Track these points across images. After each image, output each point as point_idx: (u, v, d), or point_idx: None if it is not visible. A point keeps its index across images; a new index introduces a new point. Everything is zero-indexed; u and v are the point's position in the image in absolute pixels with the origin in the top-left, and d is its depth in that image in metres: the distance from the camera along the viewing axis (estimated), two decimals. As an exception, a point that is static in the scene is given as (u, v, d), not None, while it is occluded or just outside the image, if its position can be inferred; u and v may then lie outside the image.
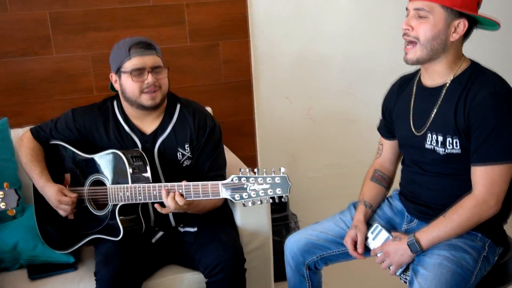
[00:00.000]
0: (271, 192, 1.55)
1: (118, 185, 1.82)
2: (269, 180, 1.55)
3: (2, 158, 2.19)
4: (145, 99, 1.88)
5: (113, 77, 1.95)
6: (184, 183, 1.71)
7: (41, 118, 2.21)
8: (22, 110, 2.44)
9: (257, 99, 2.76)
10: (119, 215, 1.83)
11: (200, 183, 1.68)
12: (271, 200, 1.58)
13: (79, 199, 1.93)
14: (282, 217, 2.58)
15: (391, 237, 1.71)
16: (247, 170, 1.60)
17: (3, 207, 1.65)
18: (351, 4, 2.77)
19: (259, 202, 1.57)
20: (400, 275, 1.67)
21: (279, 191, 1.55)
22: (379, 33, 2.80)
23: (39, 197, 2.01)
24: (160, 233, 1.99)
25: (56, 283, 1.92)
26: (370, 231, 1.77)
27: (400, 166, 1.89)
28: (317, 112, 2.87)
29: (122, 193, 1.81)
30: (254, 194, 1.57)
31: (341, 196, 2.25)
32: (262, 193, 1.56)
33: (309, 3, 2.72)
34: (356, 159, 2.78)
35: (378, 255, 1.70)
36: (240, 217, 2.04)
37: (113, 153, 1.88)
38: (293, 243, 1.87)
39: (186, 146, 1.98)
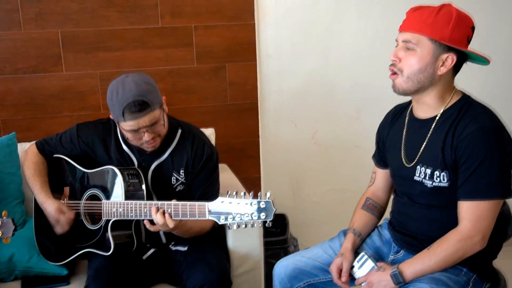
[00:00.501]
0: (255, 216, 1.56)
1: (112, 201, 1.87)
2: (254, 204, 1.57)
3: (8, 172, 2.25)
4: (146, 148, 1.93)
5: (112, 117, 1.93)
6: (173, 202, 1.74)
7: (49, 133, 2.24)
8: (31, 125, 2.50)
9: (262, 121, 2.78)
10: (111, 231, 1.86)
11: (188, 203, 1.71)
12: (256, 225, 1.59)
13: (75, 212, 1.98)
14: (281, 240, 2.58)
15: (376, 267, 1.70)
16: (234, 193, 1.62)
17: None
18: (359, 30, 2.78)
19: (243, 226, 1.59)
20: (383, 306, 1.65)
21: (263, 215, 1.56)
22: (387, 59, 2.76)
23: (39, 209, 2.06)
24: (152, 250, 2.02)
25: (47, 295, 1.96)
26: (356, 260, 1.76)
27: (393, 195, 1.88)
28: (322, 137, 2.87)
29: (115, 209, 1.84)
30: (238, 217, 1.58)
31: (344, 221, 2.22)
32: (246, 216, 1.57)
33: (318, 28, 2.74)
34: (360, 185, 2.72)
35: (363, 284, 1.69)
36: (232, 240, 2.05)
37: (110, 169, 1.92)
38: (281, 268, 1.86)
39: (181, 171, 2.01)
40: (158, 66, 2.57)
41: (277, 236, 2.63)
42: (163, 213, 1.73)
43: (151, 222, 1.78)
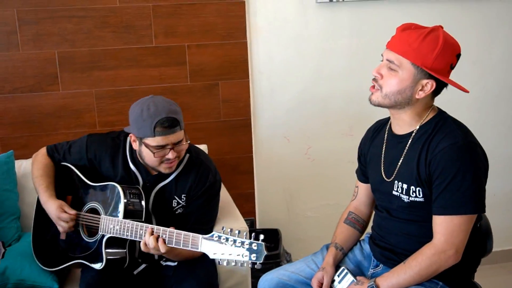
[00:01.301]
0: (246, 257, 1.59)
1: (110, 217, 1.90)
2: (247, 244, 1.60)
3: (5, 189, 2.30)
4: (163, 168, 1.94)
5: (133, 137, 1.95)
6: (169, 229, 1.76)
7: None
8: (28, 142, 2.55)
9: (255, 137, 2.81)
10: (106, 246, 1.89)
11: (183, 232, 1.73)
12: (246, 265, 1.62)
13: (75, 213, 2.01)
14: (274, 255, 2.59)
15: (355, 281, 1.72)
16: (229, 230, 1.65)
17: None
18: (351, 47, 2.81)
19: (233, 264, 1.62)
20: (362, 320, 1.67)
21: (254, 257, 1.59)
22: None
23: (39, 213, 2.10)
24: (143, 266, 2.05)
25: (38, 309, 2.00)
26: (337, 274, 1.79)
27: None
28: (316, 152, 2.90)
29: (112, 226, 1.87)
30: (229, 255, 1.61)
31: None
32: (237, 255, 1.60)
33: (310, 46, 2.77)
34: (353, 200, 2.79)
35: (342, 298, 1.72)
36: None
37: (113, 186, 1.95)
38: (265, 282, 1.89)
39: (183, 196, 2.03)
40: (152, 84, 2.62)
41: (270, 250, 2.65)
42: (157, 237, 1.76)
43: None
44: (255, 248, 1.59)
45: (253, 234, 1.62)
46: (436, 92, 1.64)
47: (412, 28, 1.60)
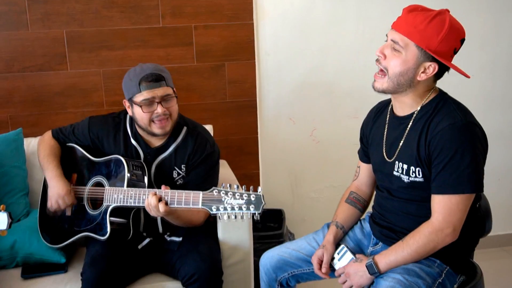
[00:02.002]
0: (245, 208, 1.62)
1: (114, 188, 1.94)
2: (245, 196, 1.63)
3: (14, 166, 2.34)
4: (155, 128, 1.99)
5: (126, 103, 2.06)
6: (170, 190, 1.80)
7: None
8: (37, 121, 2.59)
9: (261, 119, 2.82)
10: (110, 216, 1.94)
11: (184, 191, 1.77)
12: (245, 217, 1.64)
13: (79, 197, 2.07)
14: (277, 234, 2.62)
15: (354, 259, 1.74)
16: (228, 185, 1.68)
17: None
18: (358, 29, 2.80)
19: (233, 217, 1.64)
20: (361, 296, 1.70)
21: (252, 208, 1.61)
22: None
23: (46, 192, 2.14)
24: (147, 240, 2.09)
25: (45, 283, 2.04)
26: (337, 252, 1.81)
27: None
28: (320, 134, 2.91)
29: (116, 195, 1.92)
30: (229, 208, 1.63)
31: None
32: (237, 207, 1.63)
33: (316, 28, 2.77)
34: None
35: (341, 275, 1.74)
36: (222, 232, 2.11)
37: (116, 158, 2.01)
38: (266, 259, 1.92)
39: (182, 166, 2.08)
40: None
41: (274, 230, 2.68)
42: (160, 198, 1.79)
43: None
44: (253, 199, 1.61)
45: (251, 187, 1.65)
46: (438, 75, 1.64)
47: (419, 10, 1.59)
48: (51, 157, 2.13)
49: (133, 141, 2.09)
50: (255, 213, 1.62)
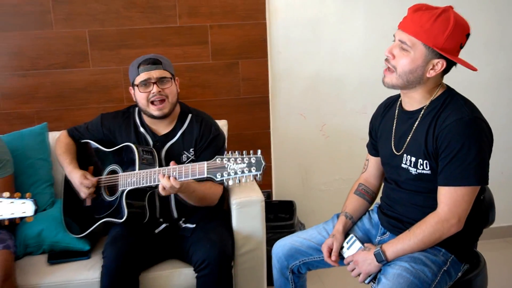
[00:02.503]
0: (247, 170, 1.64)
1: (127, 172, 1.98)
2: (246, 160, 1.65)
3: (39, 158, 2.38)
4: (153, 110, 2.05)
5: (131, 90, 2.14)
6: (177, 166, 1.83)
7: (77, 123, 2.38)
8: (61, 115, 2.62)
9: (273, 114, 2.83)
10: (126, 199, 1.97)
11: (189, 164, 1.80)
12: (248, 180, 1.65)
13: (96, 187, 2.10)
14: (288, 225, 2.64)
15: (363, 247, 1.76)
16: (230, 152, 1.70)
17: (23, 214, 1.73)
18: (367, 29, 2.80)
19: (237, 181, 1.66)
20: (368, 283, 1.70)
21: (253, 169, 1.64)
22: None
23: (67, 187, 2.21)
24: (163, 225, 2.12)
25: (70, 268, 2.07)
26: (346, 241, 1.82)
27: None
28: (330, 129, 2.91)
29: (130, 179, 1.96)
30: (233, 172, 1.66)
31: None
32: (239, 171, 1.65)
33: (326, 27, 2.77)
34: (365, 175, 2.82)
35: (350, 263, 1.75)
36: (236, 222, 2.12)
37: (127, 145, 2.06)
38: (279, 247, 1.94)
39: (191, 150, 2.13)
40: (176, 63, 2.60)
41: (285, 221, 2.70)
42: (169, 177, 1.82)
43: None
44: (253, 161, 1.64)
45: (251, 151, 1.67)
46: (445, 70, 1.64)
47: (424, 9, 1.59)
48: (66, 153, 2.20)
49: (141, 130, 2.15)
50: (257, 174, 1.64)
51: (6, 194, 1.79)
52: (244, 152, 1.67)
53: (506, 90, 3.02)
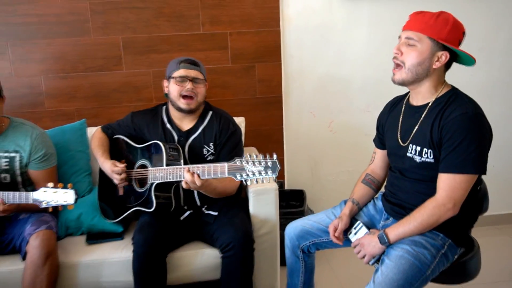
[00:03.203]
0: (264, 173, 1.63)
1: (156, 168, 1.97)
2: (263, 163, 1.63)
3: (79, 150, 2.40)
4: (182, 103, 2.06)
5: (165, 83, 2.17)
6: (200, 164, 1.81)
7: (111, 120, 2.40)
8: (97, 113, 2.63)
9: (286, 112, 2.81)
10: (155, 191, 1.97)
11: (212, 164, 1.78)
12: (265, 181, 1.63)
13: (128, 179, 2.10)
14: (299, 211, 2.62)
15: (368, 232, 1.73)
16: (249, 155, 1.68)
17: (65, 203, 1.76)
18: (370, 35, 2.77)
19: (255, 182, 1.64)
20: (373, 264, 1.68)
21: (270, 172, 1.62)
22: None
23: (102, 178, 2.21)
24: (188, 212, 2.11)
25: (105, 247, 2.08)
26: (353, 227, 1.79)
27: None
28: (337, 126, 2.88)
29: (158, 173, 1.95)
30: (251, 174, 1.64)
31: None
32: (257, 173, 1.64)
33: (334, 33, 2.74)
34: (368, 167, 2.79)
35: (357, 246, 1.73)
36: (253, 208, 2.11)
37: (156, 143, 2.05)
38: (291, 229, 1.92)
39: (211, 144, 2.11)
40: (199, 66, 2.66)
41: (296, 208, 2.68)
42: (193, 173, 1.81)
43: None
44: (270, 165, 1.62)
45: (267, 154, 1.65)
46: (448, 66, 1.64)
47: (425, 12, 1.62)
48: (99, 147, 2.20)
49: (168, 126, 2.14)
50: (272, 176, 1.63)
51: (50, 184, 1.81)
52: (261, 155, 1.65)
53: (498, 91, 2.96)
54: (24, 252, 1.93)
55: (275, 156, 1.63)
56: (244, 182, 1.66)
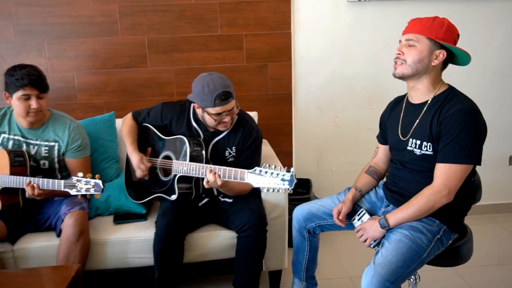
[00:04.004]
0: (280, 184, 1.62)
1: (180, 161, 1.96)
2: (281, 175, 1.62)
3: (108, 139, 2.41)
4: (221, 127, 1.99)
5: (197, 105, 1.97)
6: (223, 167, 1.80)
7: None
8: (124, 105, 2.64)
9: (294, 108, 2.80)
10: (177, 183, 1.97)
11: (233, 168, 1.76)
12: (280, 191, 1.63)
13: (153, 166, 2.10)
14: (305, 198, 2.62)
15: (370, 218, 1.72)
16: (267, 165, 1.67)
17: (92, 192, 1.77)
18: (372, 37, 2.74)
19: (271, 190, 1.64)
20: (374, 247, 1.67)
21: (286, 184, 1.61)
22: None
23: (128, 165, 2.20)
24: (206, 200, 2.12)
25: (131, 227, 2.09)
26: (357, 214, 1.79)
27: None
28: (341, 121, 2.87)
29: (181, 167, 1.93)
30: (268, 183, 1.64)
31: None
32: (274, 183, 1.63)
33: (340, 36, 2.73)
34: (369, 159, 2.76)
35: (360, 231, 1.72)
36: (265, 194, 2.11)
37: (181, 138, 2.01)
38: (298, 211, 1.92)
39: (233, 148, 2.07)
40: (217, 64, 2.64)
41: (303, 195, 2.68)
42: (215, 173, 1.80)
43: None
44: (287, 178, 1.61)
45: (285, 168, 1.64)
46: (444, 64, 1.63)
47: (422, 18, 1.61)
48: (129, 135, 2.15)
49: (194, 124, 2.09)
50: (288, 189, 1.61)
51: (80, 174, 1.82)
52: (279, 168, 1.63)
53: (491, 91, 2.92)
54: (59, 229, 1.96)
55: (292, 170, 1.61)
56: (260, 189, 1.64)
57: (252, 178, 1.68)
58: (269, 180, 1.63)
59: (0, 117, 2.06)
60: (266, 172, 1.64)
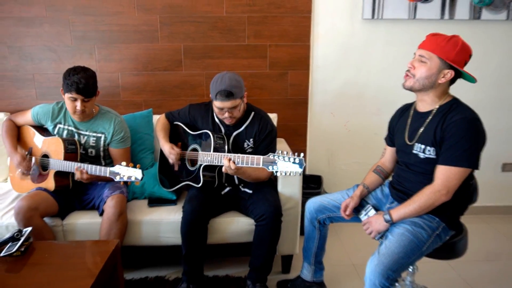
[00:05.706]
0: (291, 167, 1.63)
1: (205, 152, 1.99)
2: (292, 159, 1.64)
3: (146, 133, 2.44)
4: (226, 121, 2.02)
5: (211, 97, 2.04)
6: (239, 154, 1.82)
7: (172, 110, 2.38)
8: (161, 104, 2.66)
9: (310, 111, 2.79)
10: (202, 171, 1.99)
11: (250, 155, 1.78)
12: (292, 174, 1.64)
13: (182, 158, 2.12)
14: (316, 192, 2.61)
15: (376, 213, 1.71)
16: (280, 151, 1.68)
17: (133, 179, 1.80)
18: (384, 52, 2.71)
19: (284, 174, 1.65)
20: (378, 239, 1.67)
21: (297, 167, 1.62)
22: (402, 74, 2.71)
23: (162, 156, 2.24)
24: (227, 188, 2.13)
25: (162, 210, 2.12)
26: (364, 209, 1.77)
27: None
28: (352, 125, 2.85)
29: (206, 157, 1.96)
30: (281, 167, 1.65)
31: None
32: (286, 167, 1.64)
33: (354, 49, 2.70)
34: (375, 160, 2.72)
35: (366, 224, 1.71)
36: (281, 187, 2.11)
37: (206, 132, 2.05)
38: (311, 203, 1.92)
39: (251, 140, 2.08)
40: (243, 70, 2.65)
41: (314, 190, 2.68)
42: (229, 159, 1.82)
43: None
44: (297, 162, 1.62)
45: (296, 153, 1.65)
46: (452, 81, 1.59)
47: (439, 35, 1.57)
48: (162, 131, 2.20)
49: (216, 120, 2.12)
50: (299, 171, 1.63)
51: (124, 163, 1.85)
52: (290, 153, 1.65)
53: (489, 104, 2.86)
54: (102, 210, 2.00)
55: (301, 155, 1.63)
56: (274, 173, 1.66)
57: (266, 163, 1.69)
58: (281, 164, 1.64)
59: (58, 110, 2.12)
60: (278, 157, 1.65)
